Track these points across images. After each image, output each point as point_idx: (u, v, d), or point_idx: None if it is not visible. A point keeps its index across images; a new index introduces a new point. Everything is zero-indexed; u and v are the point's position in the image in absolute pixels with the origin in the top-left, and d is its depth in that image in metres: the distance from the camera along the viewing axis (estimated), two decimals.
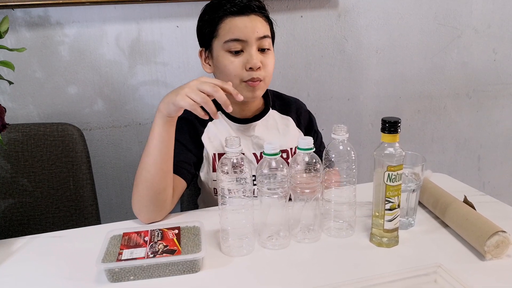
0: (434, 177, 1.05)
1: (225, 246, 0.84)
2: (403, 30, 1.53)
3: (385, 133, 0.80)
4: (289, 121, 1.19)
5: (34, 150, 1.20)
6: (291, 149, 1.16)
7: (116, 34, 1.29)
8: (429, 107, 1.64)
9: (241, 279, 0.76)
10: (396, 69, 1.57)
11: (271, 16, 1.09)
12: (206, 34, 1.07)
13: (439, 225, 0.91)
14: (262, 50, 1.05)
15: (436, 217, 0.93)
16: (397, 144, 0.80)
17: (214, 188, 1.16)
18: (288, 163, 0.90)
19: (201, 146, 1.13)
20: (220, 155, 1.14)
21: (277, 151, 0.81)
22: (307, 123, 1.22)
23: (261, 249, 0.85)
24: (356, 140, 1.55)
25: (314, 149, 0.83)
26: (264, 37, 1.04)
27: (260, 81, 1.05)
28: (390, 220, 0.82)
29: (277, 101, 1.20)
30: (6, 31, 0.84)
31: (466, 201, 0.90)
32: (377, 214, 0.84)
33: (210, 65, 1.11)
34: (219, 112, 1.14)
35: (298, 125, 1.20)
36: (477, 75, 1.65)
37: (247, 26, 1.02)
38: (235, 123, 1.15)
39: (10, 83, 0.87)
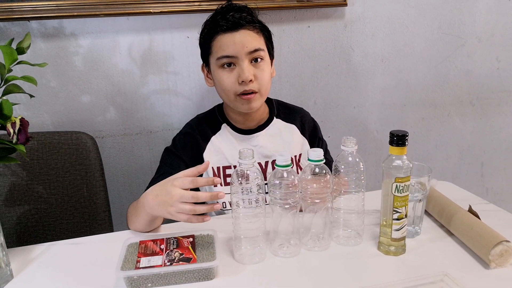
0: (439, 186, 1.08)
1: (238, 254, 0.87)
2: (408, 40, 1.56)
3: (393, 145, 0.82)
4: (293, 129, 1.22)
5: (49, 158, 1.23)
6: (295, 156, 1.20)
7: (128, 44, 1.32)
8: (433, 114, 1.67)
9: (255, 286, 0.79)
10: (401, 78, 1.60)
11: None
12: (204, 50, 1.13)
13: (444, 234, 0.94)
14: (255, 61, 1.08)
15: (442, 226, 0.96)
16: (404, 157, 0.83)
17: (217, 202, 1.19)
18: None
19: (202, 162, 1.14)
20: (224, 168, 1.17)
21: (289, 162, 0.84)
22: (311, 131, 1.24)
23: (272, 257, 0.88)
24: (361, 147, 1.58)
25: (324, 161, 0.86)
26: (256, 50, 1.07)
27: (255, 93, 1.08)
28: (398, 229, 0.85)
29: (282, 110, 1.23)
30: (28, 47, 0.87)
31: (470, 210, 0.93)
32: (384, 223, 0.87)
33: (210, 79, 1.15)
34: (224, 124, 1.18)
35: (303, 133, 1.22)
36: (481, 83, 1.68)
37: (236, 42, 1.05)
38: (239, 134, 1.18)
39: (31, 96, 0.90)
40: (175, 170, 1.16)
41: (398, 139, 0.82)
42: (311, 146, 1.23)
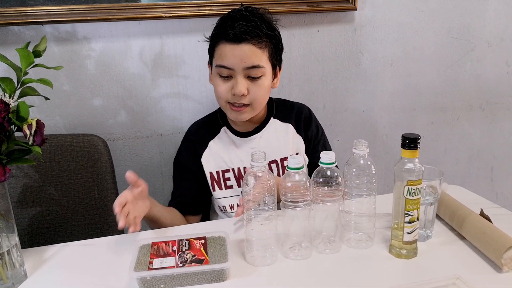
0: (450, 190, 1.08)
1: (249, 256, 0.88)
2: (417, 44, 1.56)
3: (405, 149, 0.83)
4: (289, 128, 1.22)
5: (61, 160, 1.24)
6: (291, 155, 1.20)
7: (140, 48, 1.34)
8: (443, 118, 1.67)
9: None
10: (410, 82, 1.60)
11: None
12: (209, 52, 1.15)
13: (456, 237, 0.93)
14: (252, 77, 1.08)
15: (453, 229, 0.96)
16: (416, 160, 0.83)
17: (218, 206, 1.21)
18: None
19: (201, 167, 1.20)
20: (223, 171, 1.19)
21: (301, 165, 0.85)
22: (306, 123, 1.24)
23: (284, 259, 0.88)
24: (370, 151, 1.56)
25: (335, 163, 0.87)
26: (253, 67, 1.06)
27: (246, 106, 1.10)
28: (409, 233, 0.85)
29: (280, 109, 1.24)
30: (44, 50, 0.88)
31: (482, 214, 0.93)
32: (396, 226, 0.87)
33: None
34: (224, 127, 1.20)
35: (298, 130, 1.23)
36: (490, 87, 1.68)
37: (235, 55, 1.05)
38: (237, 137, 1.20)
39: (46, 99, 0.91)
40: (188, 181, 1.20)
41: (410, 142, 0.82)
42: (307, 140, 1.23)
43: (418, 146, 0.82)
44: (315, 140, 1.24)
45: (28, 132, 0.79)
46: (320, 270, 0.85)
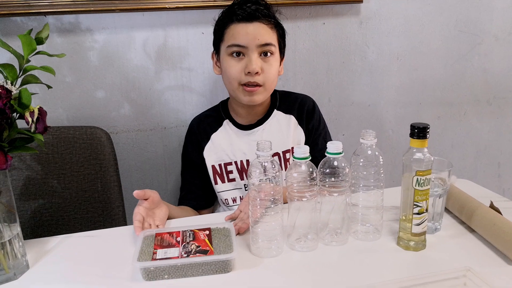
0: (457, 183, 1.06)
1: (255, 247, 0.86)
2: (424, 37, 1.54)
3: (414, 138, 0.81)
4: (291, 120, 1.21)
5: (64, 152, 1.23)
6: (292, 148, 1.19)
7: (143, 40, 1.33)
8: (449, 113, 1.65)
9: (272, 280, 0.78)
10: (416, 76, 1.58)
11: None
12: (216, 37, 1.14)
13: (465, 230, 0.92)
14: (265, 55, 1.09)
15: (462, 222, 0.94)
16: (425, 149, 0.81)
17: (220, 199, 1.21)
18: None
19: (203, 161, 1.21)
20: (226, 164, 1.19)
21: (307, 155, 0.83)
22: (308, 114, 1.22)
23: (290, 251, 0.87)
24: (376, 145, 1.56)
25: (342, 154, 0.85)
26: (266, 44, 1.08)
27: (259, 86, 1.09)
28: (418, 224, 0.83)
29: (284, 100, 1.23)
30: (46, 37, 0.87)
31: (492, 206, 0.91)
32: (404, 218, 0.85)
33: (219, 67, 1.16)
34: (226, 120, 1.19)
35: (300, 122, 1.22)
36: (498, 81, 1.66)
37: (248, 33, 1.06)
38: (240, 130, 1.19)
39: (49, 87, 0.90)
40: (194, 176, 1.21)
41: (419, 131, 0.80)
42: (307, 132, 1.21)
43: (427, 135, 0.80)
44: (315, 133, 1.22)
45: (30, 119, 0.78)
46: (327, 262, 0.83)
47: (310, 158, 0.83)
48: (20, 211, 1.21)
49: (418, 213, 0.82)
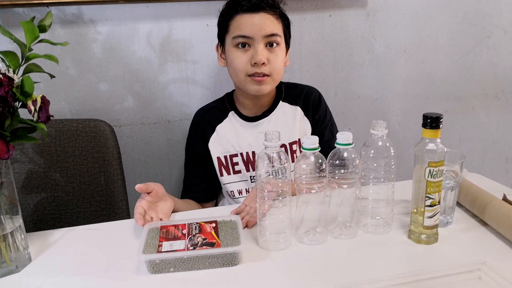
0: (468, 177, 1.04)
1: (262, 240, 0.84)
2: (431, 30, 1.52)
3: (426, 128, 0.79)
4: (297, 111, 1.19)
5: (67, 145, 1.21)
6: (299, 139, 1.17)
7: (147, 32, 1.30)
8: (457, 107, 1.62)
9: (280, 273, 0.76)
10: (424, 69, 1.55)
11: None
12: (221, 29, 1.12)
13: (477, 224, 0.89)
14: (270, 45, 1.07)
15: (474, 216, 0.92)
16: (438, 140, 0.79)
17: (226, 191, 1.19)
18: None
19: (209, 152, 1.19)
20: (231, 156, 1.17)
21: (317, 145, 0.81)
22: (314, 106, 1.20)
23: (298, 244, 0.85)
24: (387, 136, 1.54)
25: (353, 145, 0.83)
26: (272, 35, 1.06)
27: (267, 76, 1.07)
28: (430, 217, 0.81)
29: (289, 92, 1.21)
30: (49, 25, 0.85)
31: (505, 199, 0.89)
32: (415, 210, 0.83)
33: (224, 59, 1.14)
34: (232, 111, 1.17)
35: (306, 113, 1.20)
36: (507, 76, 1.63)
37: (254, 23, 1.05)
38: (245, 122, 1.17)
39: (52, 76, 0.88)
40: (198, 168, 1.19)
41: (432, 121, 0.78)
42: (313, 123, 1.19)
43: (441, 125, 0.78)
44: (322, 125, 1.20)
45: (32, 108, 0.76)
46: (336, 256, 0.81)
47: (319, 149, 0.81)
48: (22, 205, 1.19)
49: (430, 206, 0.80)
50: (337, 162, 0.83)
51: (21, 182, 1.18)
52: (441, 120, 0.78)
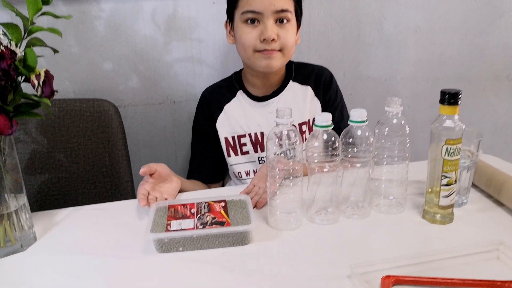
0: (481, 158, 1.01)
1: (272, 220, 0.82)
2: (443, 10, 1.48)
3: (444, 104, 0.76)
4: (308, 91, 1.16)
5: (71, 125, 1.19)
6: (308, 120, 1.14)
7: (152, 9, 1.27)
8: (467, 89, 1.59)
9: (291, 253, 0.74)
10: (434, 50, 1.51)
11: None
12: (230, 4, 1.09)
13: (493, 204, 0.87)
14: (281, 22, 1.04)
15: (490, 196, 0.90)
16: (456, 117, 0.76)
17: (233, 172, 1.17)
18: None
19: (216, 132, 1.16)
20: (239, 137, 1.15)
21: (329, 123, 0.78)
22: (326, 86, 1.17)
23: (309, 224, 0.83)
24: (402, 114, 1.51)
25: (367, 122, 0.80)
26: (282, 11, 1.03)
27: (277, 51, 1.04)
28: (446, 196, 0.78)
29: (300, 71, 1.18)
30: None
31: None
32: (430, 190, 0.81)
33: (232, 36, 1.11)
34: (240, 90, 1.14)
35: (316, 94, 1.17)
36: None
37: None
38: (254, 101, 1.14)
39: (55, 51, 0.85)
40: (206, 148, 1.16)
41: (450, 97, 0.75)
42: (324, 103, 1.17)
43: (459, 101, 0.76)
44: (332, 106, 1.17)
45: (36, 82, 0.73)
46: (348, 236, 0.79)
47: (332, 127, 0.79)
48: (26, 185, 1.16)
49: (446, 185, 0.78)
50: (351, 140, 0.81)
51: (25, 162, 1.16)
52: (459, 96, 0.75)
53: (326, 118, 0.78)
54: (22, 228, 0.80)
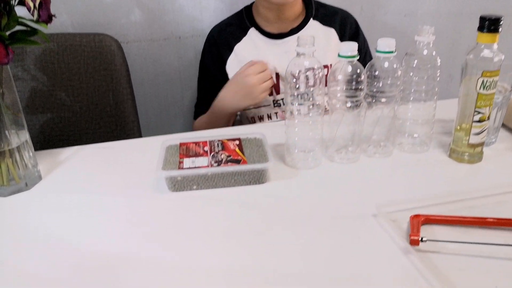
0: None
1: (289, 158, 0.77)
2: None
3: (483, 32, 0.69)
4: (331, 33, 1.08)
5: (71, 62, 1.12)
6: (330, 65, 1.06)
7: None
8: None
9: (309, 191, 0.70)
10: None
11: None
12: None
13: None
14: None
15: None
16: (495, 46, 0.69)
17: (246, 117, 1.11)
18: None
19: (226, 75, 1.08)
20: None
21: (355, 53, 0.71)
22: (352, 34, 1.10)
23: (328, 163, 0.78)
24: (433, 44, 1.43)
25: (395, 53, 0.73)
26: None
27: None
28: (478, 133, 0.73)
29: (321, 10, 1.08)
30: None
31: None
32: (459, 128, 0.75)
33: None
34: (252, 28, 1.06)
35: (341, 38, 1.08)
36: None
37: None
38: (268, 39, 1.05)
39: None
40: (213, 90, 1.08)
41: (491, 23, 0.68)
42: None
43: (500, 28, 0.68)
44: (359, 53, 1.10)
45: (31, 4, 0.66)
46: (370, 175, 0.75)
47: (358, 57, 0.72)
48: (28, 126, 1.10)
49: (479, 121, 0.72)
50: (376, 73, 0.74)
51: (25, 101, 1.11)
52: (501, 22, 0.68)
53: (351, 48, 0.71)
54: (26, 166, 0.75)
